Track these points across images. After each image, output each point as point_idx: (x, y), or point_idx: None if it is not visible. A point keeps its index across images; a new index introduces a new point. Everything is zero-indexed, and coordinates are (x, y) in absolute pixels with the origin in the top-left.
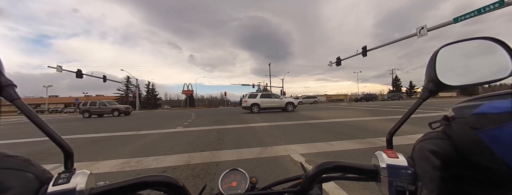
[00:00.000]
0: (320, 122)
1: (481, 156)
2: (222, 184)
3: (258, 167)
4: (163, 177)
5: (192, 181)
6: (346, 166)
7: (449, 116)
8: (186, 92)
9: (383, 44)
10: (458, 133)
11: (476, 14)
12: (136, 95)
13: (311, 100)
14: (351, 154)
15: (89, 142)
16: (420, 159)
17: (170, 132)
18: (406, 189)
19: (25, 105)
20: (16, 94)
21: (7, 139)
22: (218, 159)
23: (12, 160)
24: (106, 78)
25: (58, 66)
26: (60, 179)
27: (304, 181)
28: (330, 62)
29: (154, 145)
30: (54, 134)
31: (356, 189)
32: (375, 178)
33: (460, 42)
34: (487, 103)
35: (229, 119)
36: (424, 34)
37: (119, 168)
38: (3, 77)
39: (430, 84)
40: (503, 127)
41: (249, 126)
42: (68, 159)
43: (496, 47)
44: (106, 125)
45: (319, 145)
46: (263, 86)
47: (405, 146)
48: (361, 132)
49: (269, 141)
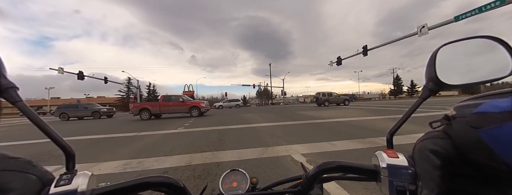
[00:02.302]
0: (321, 122)
1: (481, 155)
2: (222, 185)
3: (259, 167)
4: (164, 178)
5: (193, 182)
6: (347, 166)
7: (450, 115)
8: (187, 93)
9: (384, 43)
10: (458, 132)
11: (477, 12)
12: (138, 96)
13: (233, 104)
14: (352, 153)
15: (90, 142)
16: (420, 158)
17: (171, 133)
18: (407, 189)
19: (27, 107)
20: (18, 96)
21: (9, 141)
22: (219, 160)
23: (14, 162)
24: (107, 80)
25: (59, 68)
26: (62, 180)
27: (304, 181)
28: (331, 62)
29: (155, 145)
30: (56, 135)
31: (357, 189)
32: (375, 178)
33: (460, 41)
34: (487, 101)
35: (230, 119)
36: (425, 33)
37: (121, 169)
38: (5, 80)
39: (430, 83)
40: (504, 126)
41: (250, 126)
42: (70, 160)
43: (496, 46)
44: (107, 126)
45: (321, 144)
46: (263, 87)
47: (406, 146)
48: (363, 131)
49: (270, 141)
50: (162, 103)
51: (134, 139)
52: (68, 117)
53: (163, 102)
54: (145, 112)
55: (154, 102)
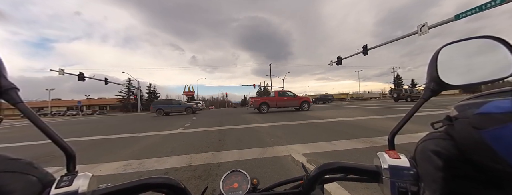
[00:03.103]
0: (321, 122)
1: (484, 156)
2: (223, 186)
3: (259, 167)
4: (164, 179)
5: (193, 183)
6: (348, 166)
7: (451, 116)
8: (187, 93)
9: (384, 43)
10: (461, 133)
11: (477, 11)
12: (138, 97)
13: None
14: (353, 153)
15: (90, 143)
16: (422, 159)
17: (172, 133)
18: (409, 190)
19: (28, 108)
20: (19, 97)
21: (10, 143)
22: (219, 160)
23: (15, 163)
24: (108, 81)
25: (60, 69)
26: (62, 182)
27: (305, 182)
28: (331, 62)
29: (156, 146)
30: (57, 136)
31: (358, 189)
32: (377, 179)
33: (461, 41)
34: (490, 102)
35: (231, 119)
36: (425, 32)
37: (121, 170)
38: (6, 81)
39: (432, 84)
40: (507, 126)
41: (250, 127)
42: (70, 162)
43: (498, 46)
44: (108, 127)
45: (321, 144)
46: (263, 87)
47: (407, 145)
48: (363, 131)
49: (270, 141)
50: (278, 98)
51: (135, 139)
52: (163, 113)
53: (278, 97)
54: (264, 105)
55: (272, 97)
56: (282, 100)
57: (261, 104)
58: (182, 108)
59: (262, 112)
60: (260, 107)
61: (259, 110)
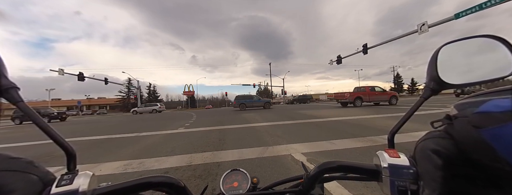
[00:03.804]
0: (321, 121)
1: (484, 155)
2: (223, 185)
3: (259, 167)
4: (164, 178)
5: (194, 182)
6: (348, 165)
7: (451, 115)
8: (187, 93)
9: (384, 42)
10: (460, 132)
11: (477, 9)
12: (138, 97)
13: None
14: (353, 152)
15: (91, 143)
16: (422, 158)
17: (172, 133)
18: (408, 189)
19: (28, 107)
20: (19, 96)
21: (11, 142)
22: (219, 159)
23: (16, 162)
24: (108, 81)
25: (60, 69)
26: (63, 181)
27: (305, 181)
28: (331, 61)
29: (156, 146)
30: (57, 135)
31: (357, 188)
32: (376, 178)
33: (461, 40)
34: (489, 101)
35: (231, 119)
36: (425, 30)
37: (122, 169)
38: (6, 80)
39: (432, 83)
40: (506, 125)
41: (250, 126)
42: (71, 161)
43: (498, 45)
44: (108, 127)
45: (321, 143)
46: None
47: (407, 144)
48: (363, 130)
49: (270, 141)
50: (370, 92)
51: (136, 139)
52: (245, 107)
53: (370, 92)
54: (359, 99)
55: (364, 92)
56: (374, 95)
57: (356, 98)
58: (262, 103)
59: (357, 106)
60: (355, 101)
61: (353, 104)
